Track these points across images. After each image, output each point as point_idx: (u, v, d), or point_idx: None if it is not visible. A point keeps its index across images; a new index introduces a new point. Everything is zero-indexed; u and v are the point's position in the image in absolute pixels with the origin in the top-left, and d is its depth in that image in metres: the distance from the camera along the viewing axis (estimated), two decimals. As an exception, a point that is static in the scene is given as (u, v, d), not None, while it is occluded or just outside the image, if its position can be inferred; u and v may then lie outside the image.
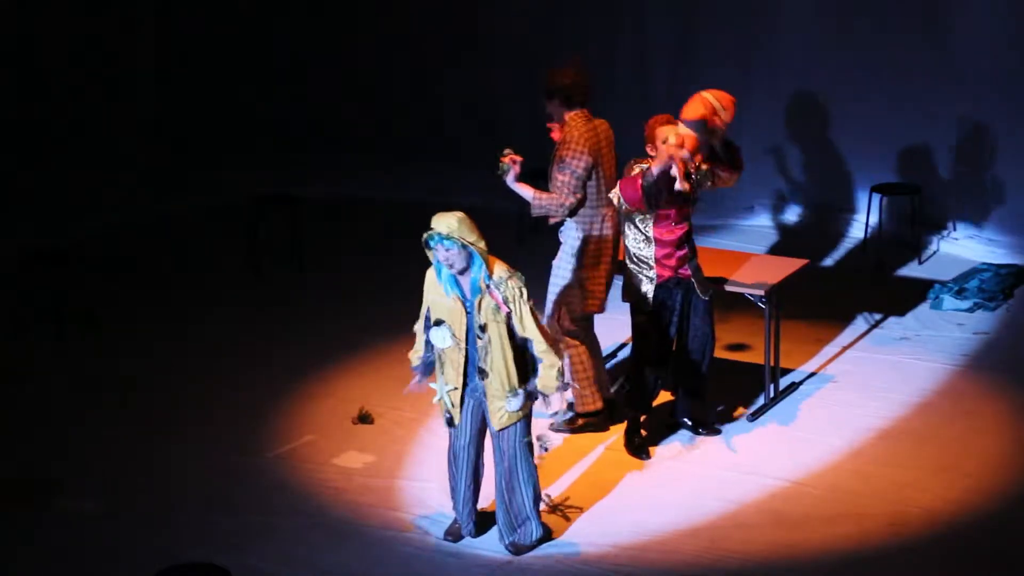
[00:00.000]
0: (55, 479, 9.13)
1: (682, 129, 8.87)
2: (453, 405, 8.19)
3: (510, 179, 9.16)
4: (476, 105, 14.39)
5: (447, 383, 8.16)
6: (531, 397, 8.11)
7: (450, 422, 8.25)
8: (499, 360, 8.01)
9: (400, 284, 11.55)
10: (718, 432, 9.56)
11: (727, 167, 9.10)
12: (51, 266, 11.38)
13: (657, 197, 8.80)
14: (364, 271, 12.34)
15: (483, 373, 8.05)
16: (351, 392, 10.16)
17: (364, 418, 9.79)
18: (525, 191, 9.26)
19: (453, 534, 8.44)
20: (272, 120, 15.07)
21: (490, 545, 8.39)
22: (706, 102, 8.96)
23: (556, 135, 9.39)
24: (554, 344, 8.08)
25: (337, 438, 9.59)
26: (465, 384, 8.15)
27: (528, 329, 8.01)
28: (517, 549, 8.30)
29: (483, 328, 8.01)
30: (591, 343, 9.59)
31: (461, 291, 8.04)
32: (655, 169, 8.74)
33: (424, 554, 8.33)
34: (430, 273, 8.16)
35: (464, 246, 7.88)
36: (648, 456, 9.28)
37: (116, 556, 8.35)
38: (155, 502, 8.88)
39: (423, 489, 8.95)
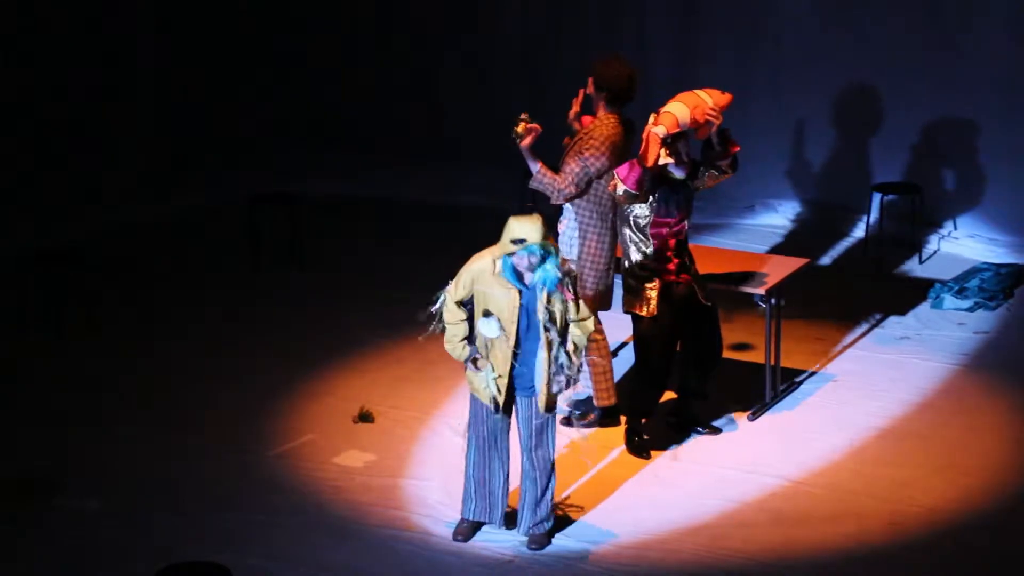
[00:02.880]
0: (55, 479, 9.12)
1: (664, 109, 8.90)
2: (500, 392, 8.19)
3: (524, 144, 9.15)
4: (476, 105, 14.38)
5: (495, 371, 8.17)
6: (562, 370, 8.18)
7: (496, 405, 8.26)
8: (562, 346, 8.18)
9: (400, 283, 11.58)
10: (718, 431, 9.55)
11: (724, 158, 9.11)
12: (51, 266, 11.38)
13: (645, 179, 8.82)
14: (364, 270, 12.34)
15: (561, 367, 8.16)
16: (351, 391, 10.16)
17: (365, 417, 9.79)
18: (533, 162, 9.25)
19: (463, 534, 8.43)
20: (272, 120, 15.07)
21: (491, 543, 8.38)
22: (689, 95, 8.99)
23: (586, 120, 9.41)
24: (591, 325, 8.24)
25: (338, 437, 9.59)
26: (512, 374, 8.19)
27: (581, 311, 8.16)
28: (538, 543, 8.33)
29: (553, 320, 8.09)
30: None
31: (522, 283, 8.06)
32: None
33: (425, 553, 8.32)
34: (478, 264, 8.12)
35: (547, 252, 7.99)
36: (648, 456, 9.28)
37: (116, 556, 8.34)
38: (155, 502, 8.88)
39: (424, 488, 8.95)
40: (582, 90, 9.44)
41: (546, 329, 8.09)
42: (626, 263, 9.12)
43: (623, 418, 9.55)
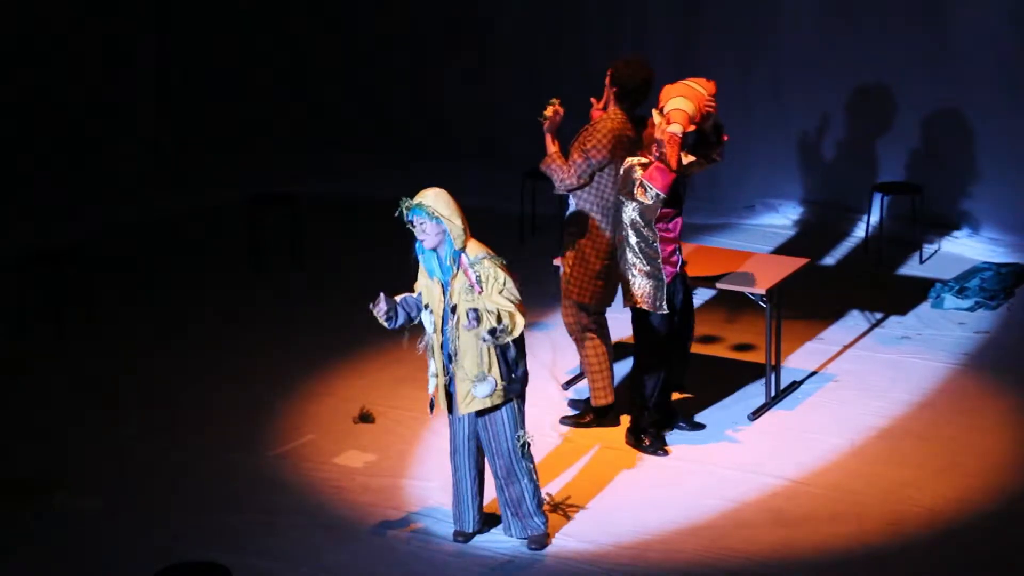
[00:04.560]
0: (55, 479, 9.12)
1: (670, 106, 8.92)
2: (437, 389, 8.18)
3: (547, 127, 9.28)
4: (476, 105, 14.38)
5: (435, 372, 8.17)
6: (493, 333, 7.86)
7: (432, 407, 8.26)
8: (469, 343, 7.98)
9: (400, 283, 11.56)
10: (701, 427, 9.56)
11: (716, 147, 9.16)
12: (51, 266, 11.38)
13: (675, 181, 8.86)
14: (364, 270, 12.33)
15: (451, 357, 8.03)
16: (352, 391, 10.16)
17: (365, 417, 9.79)
18: (549, 146, 9.33)
19: (463, 534, 8.43)
20: (272, 120, 15.07)
21: (492, 543, 8.38)
22: (682, 87, 9.02)
23: (595, 115, 9.44)
24: (519, 315, 7.90)
25: (338, 437, 9.59)
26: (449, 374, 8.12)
27: (497, 303, 7.88)
28: (538, 543, 8.31)
29: (453, 310, 7.99)
30: (602, 338, 9.59)
31: (443, 273, 8.02)
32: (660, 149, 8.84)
33: (424, 553, 8.32)
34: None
35: (437, 220, 7.87)
36: (666, 453, 9.27)
37: (116, 556, 8.34)
38: (155, 502, 8.88)
39: (424, 488, 8.94)
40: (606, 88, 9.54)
41: (448, 319, 8.00)
42: (630, 257, 9.09)
43: (622, 419, 9.55)
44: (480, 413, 8.13)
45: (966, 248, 12.36)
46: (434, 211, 7.90)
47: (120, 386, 10.34)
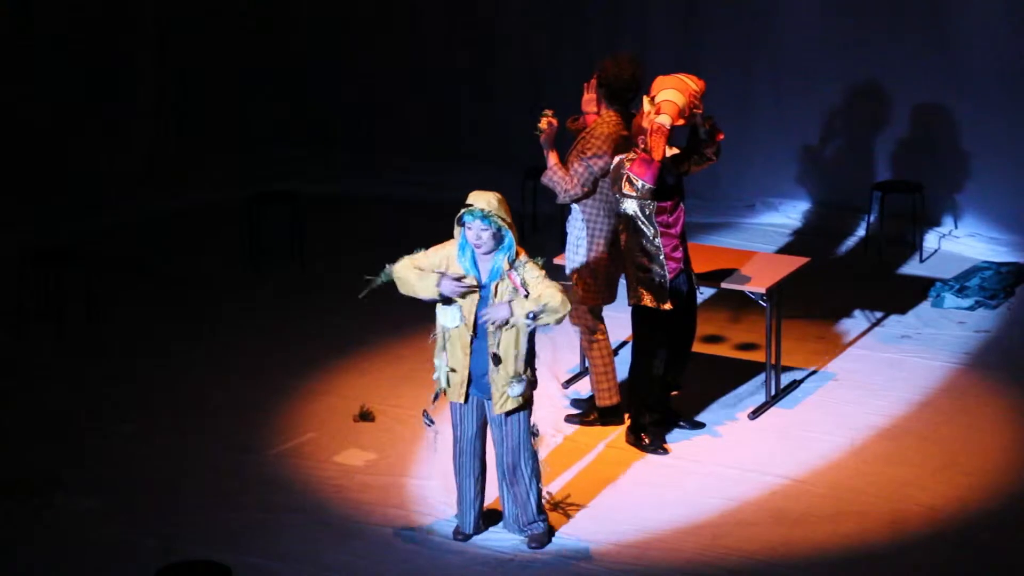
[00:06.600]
0: (55, 478, 9.12)
1: (661, 97, 8.91)
2: (450, 385, 8.16)
3: (543, 140, 9.21)
4: (476, 105, 14.37)
5: (450, 363, 8.13)
6: (535, 317, 7.87)
7: (436, 397, 8.26)
8: (510, 346, 7.98)
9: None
10: (701, 426, 9.56)
11: (709, 145, 9.15)
12: (51, 265, 11.37)
13: (661, 172, 8.83)
14: (364, 269, 12.30)
15: (496, 358, 8.02)
16: (352, 390, 10.16)
17: (365, 416, 9.79)
18: (549, 158, 9.29)
19: (463, 533, 8.43)
20: (272, 120, 15.06)
21: (492, 542, 8.38)
22: (673, 79, 9.03)
23: (590, 119, 9.42)
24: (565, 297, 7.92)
25: (338, 436, 9.59)
26: (470, 371, 8.10)
27: (544, 293, 7.84)
28: (538, 542, 8.31)
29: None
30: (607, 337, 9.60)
31: (479, 274, 8.01)
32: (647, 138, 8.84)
33: (425, 551, 8.32)
34: (451, 248, 8.07)
35: (500, 228, 7.85)
36: (667, 451, 9.27)
37: (116, 555, 8.34)
38: (155, 500, 8.88)
39: (424, 487, 8.94)
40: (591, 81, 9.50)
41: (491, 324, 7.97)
42: (633, 255, 9.08)
43: (627, 416, 9.54)
44: (508, 412, 8.14)
45: (966, 247, 12.35)
46: (500, 220, 7.86)
47: (120, 386, 10.34)
